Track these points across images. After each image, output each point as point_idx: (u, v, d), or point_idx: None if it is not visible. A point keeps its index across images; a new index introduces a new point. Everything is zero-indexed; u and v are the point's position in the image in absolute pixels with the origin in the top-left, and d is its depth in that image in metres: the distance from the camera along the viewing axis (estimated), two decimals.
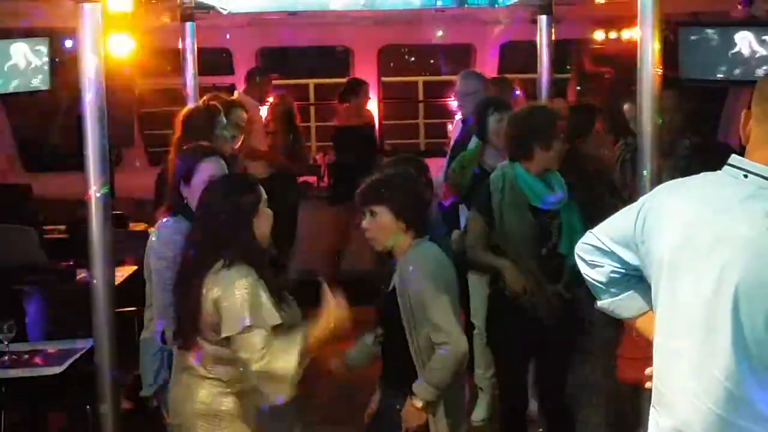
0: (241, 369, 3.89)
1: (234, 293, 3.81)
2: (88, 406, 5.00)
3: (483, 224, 5.14)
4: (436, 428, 4.22)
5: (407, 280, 4.17)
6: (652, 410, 2.66)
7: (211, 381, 3.98)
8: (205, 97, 6.03)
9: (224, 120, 5.70)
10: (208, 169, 4.48)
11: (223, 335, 3.84)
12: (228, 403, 3.98)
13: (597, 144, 6.04)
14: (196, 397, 4.00)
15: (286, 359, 3.80)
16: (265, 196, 4.06)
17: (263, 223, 4.02)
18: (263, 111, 9.20)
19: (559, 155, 5.11)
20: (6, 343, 5.16)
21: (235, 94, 9.52)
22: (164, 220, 4.56)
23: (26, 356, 5.23)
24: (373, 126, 9.95)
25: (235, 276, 3.84)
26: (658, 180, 4.01)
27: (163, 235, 4.49)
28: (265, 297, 3.85)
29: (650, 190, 3.49)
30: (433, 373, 4.14)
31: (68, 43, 7.72)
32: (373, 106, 10.42)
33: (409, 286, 4.16)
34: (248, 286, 3.82)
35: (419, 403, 4.17)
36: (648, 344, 2.71)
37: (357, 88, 9.60)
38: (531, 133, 5.08)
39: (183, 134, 5.39)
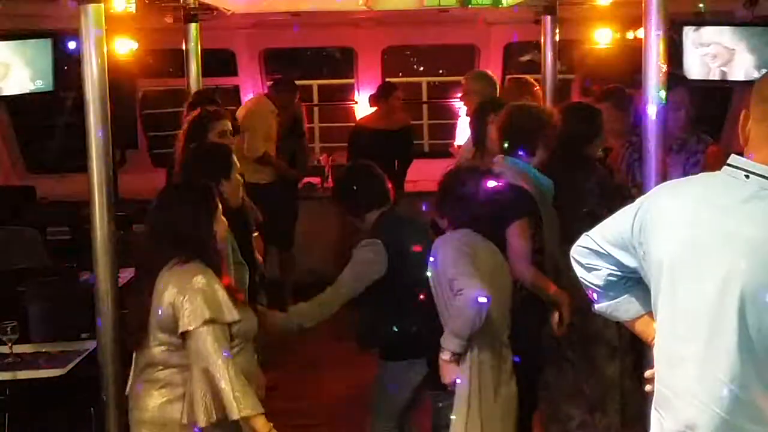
0: (186, 372, 3.82)
1: (192, 288, 3.77)
2: (91, 408, 4.99)
3: (530, 236, 4.78)
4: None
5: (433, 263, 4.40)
6: (654, 413, 2.64)
7: (161, 388, 3.90)
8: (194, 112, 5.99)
9: (223, 125, 5.74)
10: None
11: (181, 330, 3.76)
12: (177, 410, 3.86)
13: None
14: (144, 404, 3.93)
15: (237, 392, 3.69)
16: (219, 204, 4.05)
17: (220, 227, 4.02)
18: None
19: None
20: (10, 344, 5.16)
21: (249, 96, 9.58)
22: None
23: (30, 358, 5.23)
24: (404, 130, 9.67)
25: (192, 272, 3.82)
26: (664, 180, 3.99)
27: None
28: (222, 293, 3.83)
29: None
30: (453, 321, 4.26)
31: (71, 45, 7.71)
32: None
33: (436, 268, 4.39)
34: (206, 281, 3.80)
35: (446, 355, 4.29)
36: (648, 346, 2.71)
37: (386, 91, 9.54)
38: (537, 129, 4.97)
39: (183, 139, 5.54)
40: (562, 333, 4.84)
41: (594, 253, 2.81)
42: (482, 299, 4.19)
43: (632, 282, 2.78)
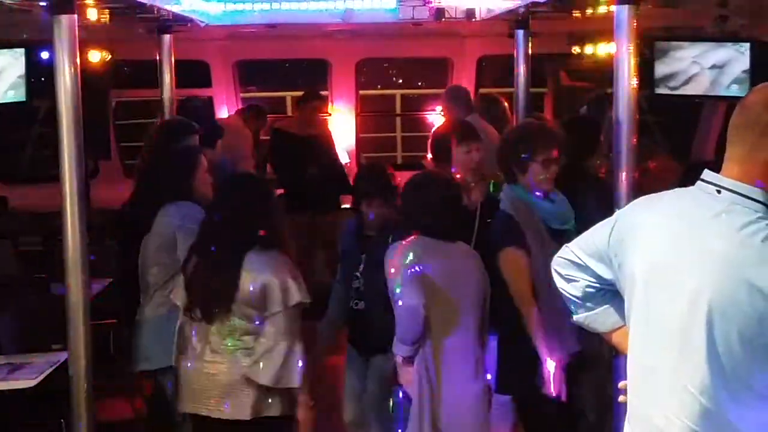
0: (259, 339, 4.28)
1: (284, 272, 4.25)
2: (62, 420, 4.96)
3: (524, 266, 4.67)
4: None
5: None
6: (626, 425, 2.66)
7: (236, 351, 4.30)
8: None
9: (196, 140, 5.88)
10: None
11: (274, 311, 4.23)
12: (253, 372, 4.28)
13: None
14: (218, 368, 4.33)
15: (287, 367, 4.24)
16: None
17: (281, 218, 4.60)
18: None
19: (554, 173, 4.83)
20: None
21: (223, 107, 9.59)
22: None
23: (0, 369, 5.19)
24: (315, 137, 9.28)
25: (280, 258, 4.31)
26: (637, 193, 4.03)
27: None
28: (301, 278, 4.31)
29: (627, 201, 3.52)
30: (397, 327, 4.48)
31: (45, 55, 7.68)
32: (350, 119, 10.41)
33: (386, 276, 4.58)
34: (292, 267, 4.31)
35: (399, 359, 4.54)
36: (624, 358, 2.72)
37: (306, 96, 9.40)
38: (528, 148, 4.79)
39: (155, 144, 5.76)
40: (549, 392, 4.66)
41: (573, 264, 2.84)
42: (415, 307, 4.39)
43: (610, 294, 2.81)
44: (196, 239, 4.48)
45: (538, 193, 4.80)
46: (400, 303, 4.43)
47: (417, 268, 4.44)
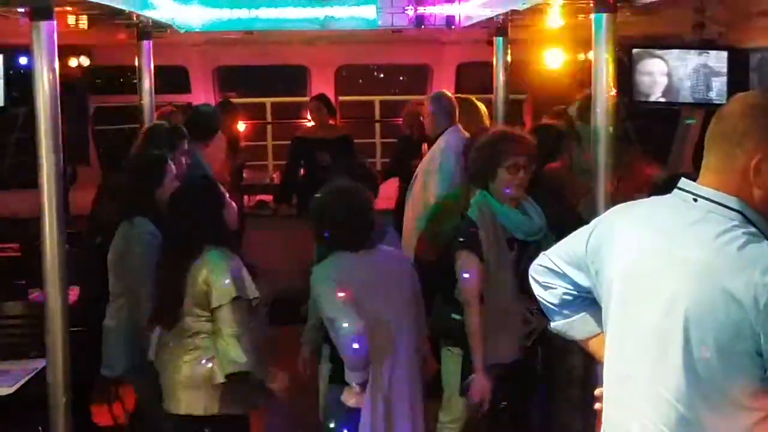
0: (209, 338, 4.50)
1: (221, 269, 4.46)
2: (40, 428, 4.93)
3: (480, 270, 4.78)
4: None
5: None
6: None
7: (191, 350, 4.54)
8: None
9: (185, 146, 5.97)
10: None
11: (213, 306, 4.44)
12: (207, 370, 4.50)
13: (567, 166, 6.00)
14: (176, 367, 4.57)
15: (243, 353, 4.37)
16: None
17: (230, 212, 4.80)
18: None
19: (526, 181, 4.90)
20: None
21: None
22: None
23: None
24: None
25: (221, 256, 4.51)
26: (613, 201, 4.05)
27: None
28: (245, 273, 4.52)
29: (605, 208, 3.53)
30: (344, 357, 4.42)
31: (23, 60, 7.64)
32: None
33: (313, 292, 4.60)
34: (232, 264, 4.50)
35: (355, 388, 4.47)
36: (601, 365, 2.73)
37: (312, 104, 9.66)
38: (495, 154, 4.88)
39: (144, 146, 5.92)
40: (475, 402, 4.82)
41: (550, 271, 2.85)
42: (356, 331, 4.31)
43: (588, 302, 2.81)
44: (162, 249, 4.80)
45: (505, 203, 4.85)
46: (339, 333, 4.35)
47: (341, 290, 4.40)
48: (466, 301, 4.77)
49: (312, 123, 9.89)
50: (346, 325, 4.31)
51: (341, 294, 4.37)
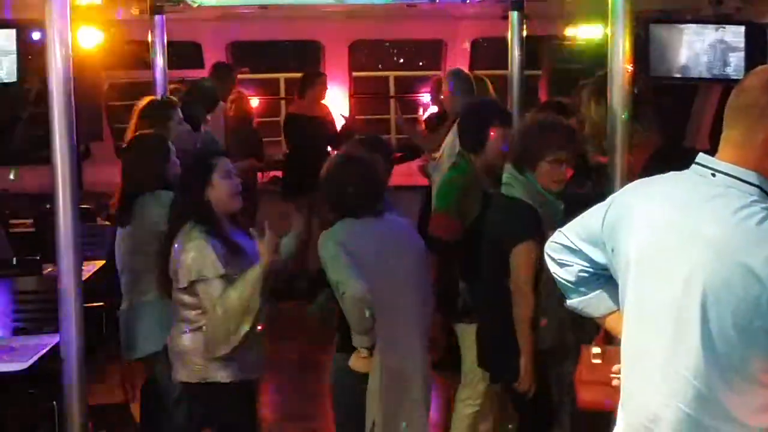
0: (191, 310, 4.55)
1: (186, 248, 4.46)
2: (54, 403, 4.95)
3: (535, 260, 4.53)
4: None
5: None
6: (619, 408, 2.66)
7: (179, 322, 4.61)
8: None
9: (180, 114, 5.95)
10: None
11: (179, 286, 4.50)
12: (190, 340, 4.56)
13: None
14: (171, 339, 4.67)
15: (238, 291, 4.36)
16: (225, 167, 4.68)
17: (217, 191, 4.63)
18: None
19: (566, 175, 4.72)
20: None
21: None
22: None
23: None
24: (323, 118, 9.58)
25: (195, 235, 4.49)
26: (629, 176, 4.01)
27: None
28: (210, 251, 4.44)
29: (620, 186, 3.50)
30: (349, 321, 4.39)
31: (36, 36, 7.64)
32: (344, 101, 10.38)
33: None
34: (197, 242, 4.46)
35: (361, 351, 4.45)
36: (617, 343, 2.72)
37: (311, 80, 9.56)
38: (542, 145, 4.71)
39: (138, 124, 5.93)
40: (521, 387, 4.72)
41: (566, 249, 2.83)
42: (363, 295, 4.28)
43: (603, 279, 2.80)
44: None
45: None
46: (344, 295, 4.32)
47: (348, 255, 4.38)
48: (520, 289, 4.62)
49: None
50: (350, 287, 4.29)
51: (346, 257, 4.36)
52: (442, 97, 7.54)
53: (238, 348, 4.44)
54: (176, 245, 4.54)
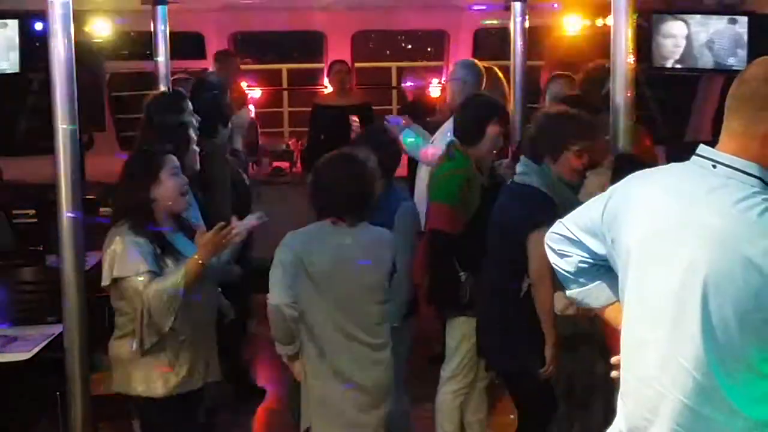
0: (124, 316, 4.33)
1: (109, 248, 4.23)
2: (57, 393, 4.96)
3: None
4: None
5: None
6: (619, 399, 2.67)
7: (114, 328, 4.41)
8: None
9: (190, 105, 5.85)
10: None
11: (102, 284, 4.26)
12: (122, 346, 4.34)
13: None
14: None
15: (161, 283, 4.15)
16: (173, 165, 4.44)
17: (163, 189, 4.36)
18: None
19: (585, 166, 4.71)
20: None
21: None
22: None
23: None
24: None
25: (114, 233, 4.26)
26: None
27: None
28: (132, 252, 4.18)
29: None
30: (270, 326, 4.30)
31: (39, 26, 7.64)
32: None
33: None
34: (118, 243, 4.20)
35: (284, 358, 4.40)
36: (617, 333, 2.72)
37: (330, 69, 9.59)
38: (566, 135, 4.68)
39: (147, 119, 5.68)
40: (549, 374, 4.72)
41: (566, 239, 2.83)
42: (279, 305, 4.19)
43: (603, 269, 2.80)
44: None
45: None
46: (267, 301, 4.24)
47: (294, 267, 4.25)
48: (541, 279, 4.56)
49: (330, 89, 9.82)
50: (272, 295, 4.20)
51: (290, 268, 4.22)
52: (447, 82, 7.48)
53: (175, 360, 4.29)
54: (105, 241, 4.32)
